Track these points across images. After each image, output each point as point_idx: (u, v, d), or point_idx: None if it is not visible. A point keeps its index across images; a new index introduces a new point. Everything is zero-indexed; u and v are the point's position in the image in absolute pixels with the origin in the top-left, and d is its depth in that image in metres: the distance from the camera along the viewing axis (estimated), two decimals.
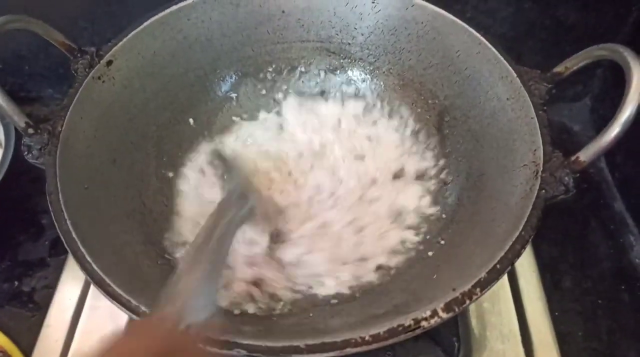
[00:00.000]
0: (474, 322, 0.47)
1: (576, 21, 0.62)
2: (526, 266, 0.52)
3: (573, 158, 0.36)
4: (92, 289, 0.51)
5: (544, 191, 0.36)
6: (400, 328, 0.30)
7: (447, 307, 0.31)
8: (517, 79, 0.41)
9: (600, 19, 0.62)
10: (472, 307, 0.48)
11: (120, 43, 0.45)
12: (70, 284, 0.52)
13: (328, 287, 0.42)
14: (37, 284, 0.53)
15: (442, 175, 0.48)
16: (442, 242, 0.43)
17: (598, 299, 0.53)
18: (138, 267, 0.39)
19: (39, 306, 0.51)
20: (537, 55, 0.66)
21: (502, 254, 0.33)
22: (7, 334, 0.49)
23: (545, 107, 0.40)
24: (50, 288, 0.52)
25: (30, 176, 0.60)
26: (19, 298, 0.52)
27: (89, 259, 0.34)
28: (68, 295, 0.51)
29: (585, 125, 0.69)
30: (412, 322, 0.31)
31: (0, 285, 0.53)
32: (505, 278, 0.50)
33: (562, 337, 0.48)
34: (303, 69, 0.55)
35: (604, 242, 0.57)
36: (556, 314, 0.50)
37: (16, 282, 0.53)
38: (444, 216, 0.46)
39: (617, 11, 0.61)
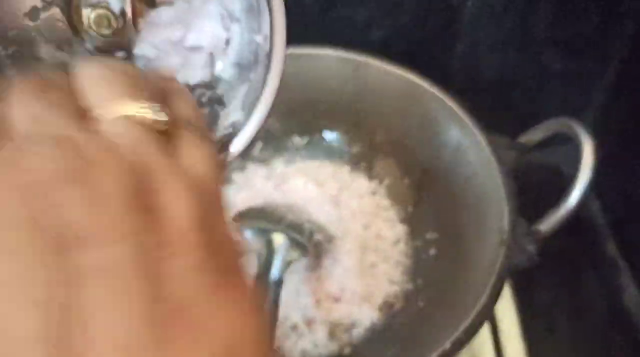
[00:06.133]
0: None
1: (561, 68, 0.64)
2: (508, 323, 0.52)
3: (534, 228, 0.38)
4: None
5: (507, 259, 0.38)
6: None
7: None
8: (487, 147, 0.44)
9: (583, 66, 0.64)
10: None
11: None
12: None
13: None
14: None
15: (423, 236, 0.51)
16: (421, 304, 0.45)
17: (592, 343, 0.54)
18: None
19: None
20: (525, 102, 0.68)
21: (467, 325, 0.35)
22: None
23: (513, 175, 0.42)
24: None
25: None
26: None
27: None
28: None
29: (577, 168, 0.70)
30: None
31: None
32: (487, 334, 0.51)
33: None
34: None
35: (596, 285, 0.58)
36: None
37: None
38: (420, 280, 0.48)
39: (600, 58, 0.63)
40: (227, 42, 0.24)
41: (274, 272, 0.42)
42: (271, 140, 0.56)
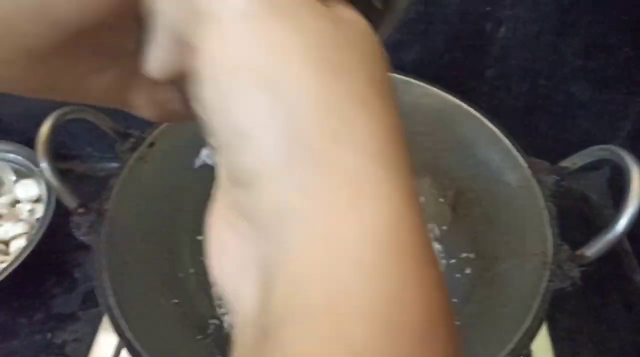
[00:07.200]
0: None
1: (590, 97, 0.65)
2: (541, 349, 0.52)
3: (578, 252, 0.38)
4: None
5: (551, 282, 0.38)
6: None
7: None
8: (528, 169, 0.44)
9: (612, 96, 0.64)
10: None
11: (162, 126, 0.49)
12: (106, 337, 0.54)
13: None
14: (68, 337, 0.56)
15: (457, 255, 0.51)
16: (457, 322, 0.45)
17: None
18: (175, 343, 0.41)
19: None
20: (552, 128, 0.69)
21: (512, 346, 0.35)
22: None
23: (554, 199, 0.42)
24: (81, 341, 0.55)
25: (65, 231, 0.63)
26: (51, 350, 0.55)
27: (128, 335, 0.36)
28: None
29: (602, 195, 0.71)
30: None
31: (33, 337, 0.56)
32: None
33: None
34: None
35: (623, 315, 0.58)
36: None
37: (49, 335, 0.56)
38: (455, 299, 0.47)
39: (629, 90, 0.64)
40: None
41: None
42: None
